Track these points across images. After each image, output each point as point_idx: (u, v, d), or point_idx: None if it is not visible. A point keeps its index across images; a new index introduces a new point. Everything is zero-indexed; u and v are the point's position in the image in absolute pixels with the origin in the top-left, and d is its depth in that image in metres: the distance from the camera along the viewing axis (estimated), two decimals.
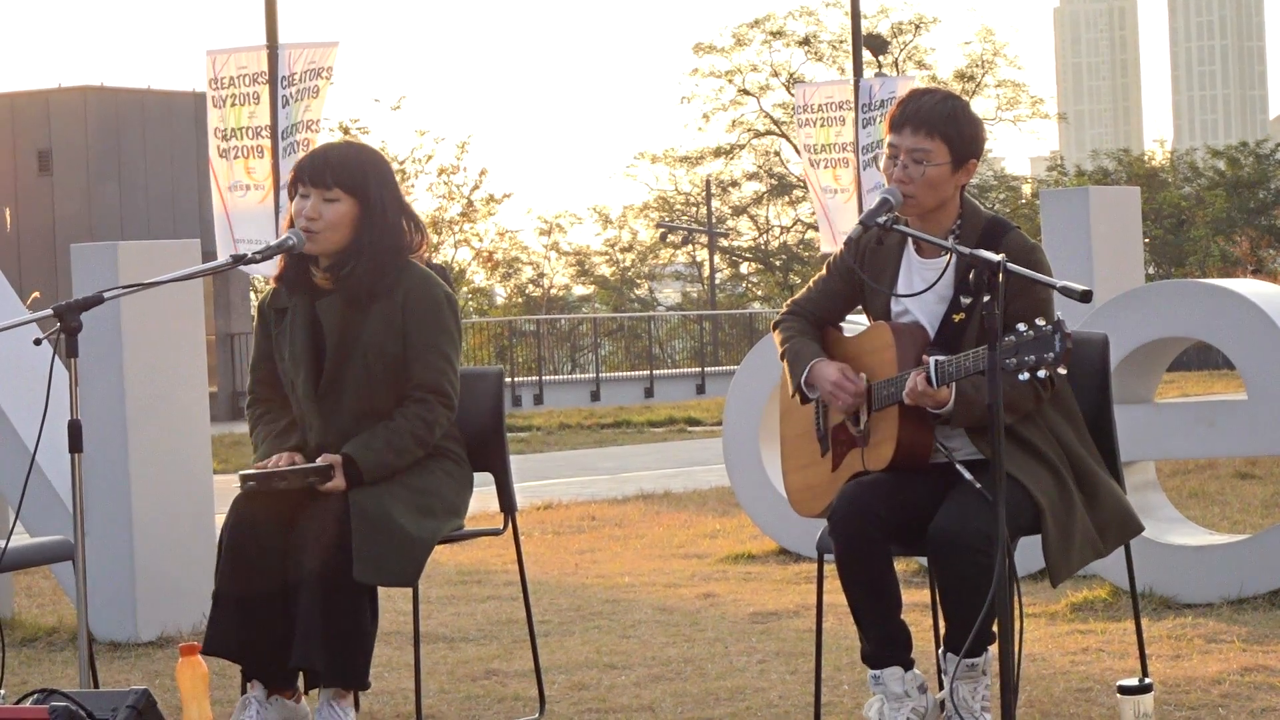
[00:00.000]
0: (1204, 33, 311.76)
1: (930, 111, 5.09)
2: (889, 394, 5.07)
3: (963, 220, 5.15)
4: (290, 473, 5.20)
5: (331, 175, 5.30)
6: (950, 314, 5.08)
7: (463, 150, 47.45)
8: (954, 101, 5.15)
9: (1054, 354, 4.60)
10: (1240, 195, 55.63)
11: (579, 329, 43.66)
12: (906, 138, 5.08)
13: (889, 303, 5.20)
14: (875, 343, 5.17)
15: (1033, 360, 4.62)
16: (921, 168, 5.06)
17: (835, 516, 5.09)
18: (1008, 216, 5.13)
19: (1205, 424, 7.34)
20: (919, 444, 5.09)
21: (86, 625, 5.05)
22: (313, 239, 5.31)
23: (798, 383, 5.23)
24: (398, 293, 5.33)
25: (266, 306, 5.50)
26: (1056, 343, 4.60)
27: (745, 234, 61.81)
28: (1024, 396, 5.00)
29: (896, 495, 5.06)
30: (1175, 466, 12.01)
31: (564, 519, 11.67)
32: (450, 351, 5.37)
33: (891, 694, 5.08)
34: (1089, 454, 5.15)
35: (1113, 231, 8.10)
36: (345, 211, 5.31)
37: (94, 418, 6.99)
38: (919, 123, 5.07)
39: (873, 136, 20.81)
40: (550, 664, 6.37)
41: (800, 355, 5.25)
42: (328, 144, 5.43)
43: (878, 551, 5.06)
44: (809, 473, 5.36)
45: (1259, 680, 5.74)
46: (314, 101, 17.26)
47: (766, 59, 59.23)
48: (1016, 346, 4.63)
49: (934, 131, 5.07)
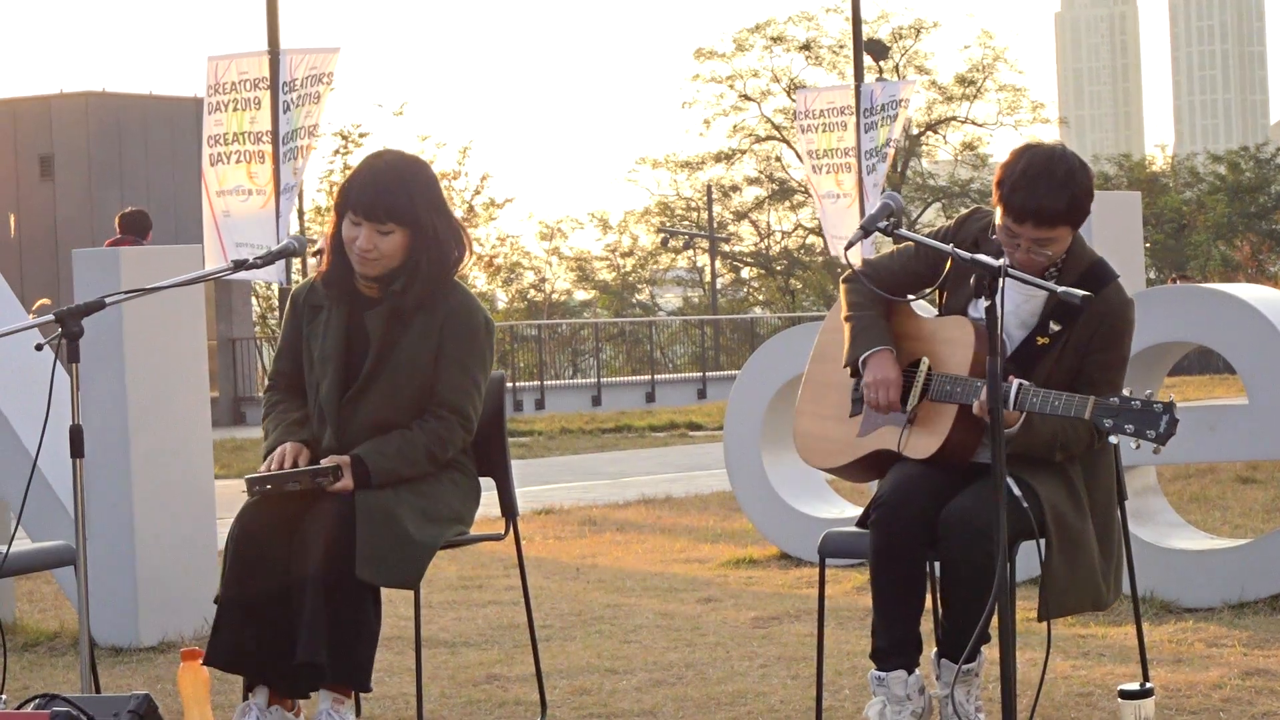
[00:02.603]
0: (1205, 38, 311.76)
1: (1052, 208, 4.92)
2: (951, 392, 5.05)
3: (1065, 260, 5.09)
4: (300, 474, 5.21)
5: (384, 211, 5.27)
6: (1034, 336, 5.07)
7: (464, 155, 47.53)
8: (1071, 183, 4.95)
9: (1157, 433, 4.65)
10: (1241, 200, 55.67)
11: (580, 334, 43.67)
12: (1029, 230, 4.97)
13: (968, 304, 5.18)
14: (954, 334, 5.15)
15: (1132, 429, 4.66)
16: (1047, 250, 5.00)
17: (883, 509, 5.07)
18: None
19: (1206, 428, 7.35)
20: (965, 448, 5.10)
21: (88, 630, 5.05)
22: (367, 265, 5.31)
23: (856, 357, 5.20)
24: (440, 311, 5.34)
25: (301, 301, 5.47)
26: (1163, 425, 4.65)
27: (746, 239, 61.85)
28: (1080, 443, 5.02)
29: (939, 496, 5.05)
30: (1176, 471, 12.01)
31: (565, 524, 11.67)
32: (479, 376, 5.38)
33: (894, 697, 5.08)
34: (1115, 507, 5.18)
35: (1114, 236, 8.10)
36: (399, 241, 5.30)
37: (95, 423, 7.00)
38: (1041, 219, 4.94)
39: (874, 141, 20.83)
40: (551, 669, 6.38)
41: (869, 332, 5.21)
42: (375, 166, 5.31)
43: (918, 552, 5.06)
44: (829, 424, 5.33)
45: (1260, 685, 5.74)
46: (315, 107, 17.27)
47: (767, 64, 59.32)
48: (1119, 410, 4.66)
49: (1057, 223, 4.97)
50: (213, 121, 17.33)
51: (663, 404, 33.54)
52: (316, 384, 5.39)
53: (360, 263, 5.31)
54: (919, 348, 5.20)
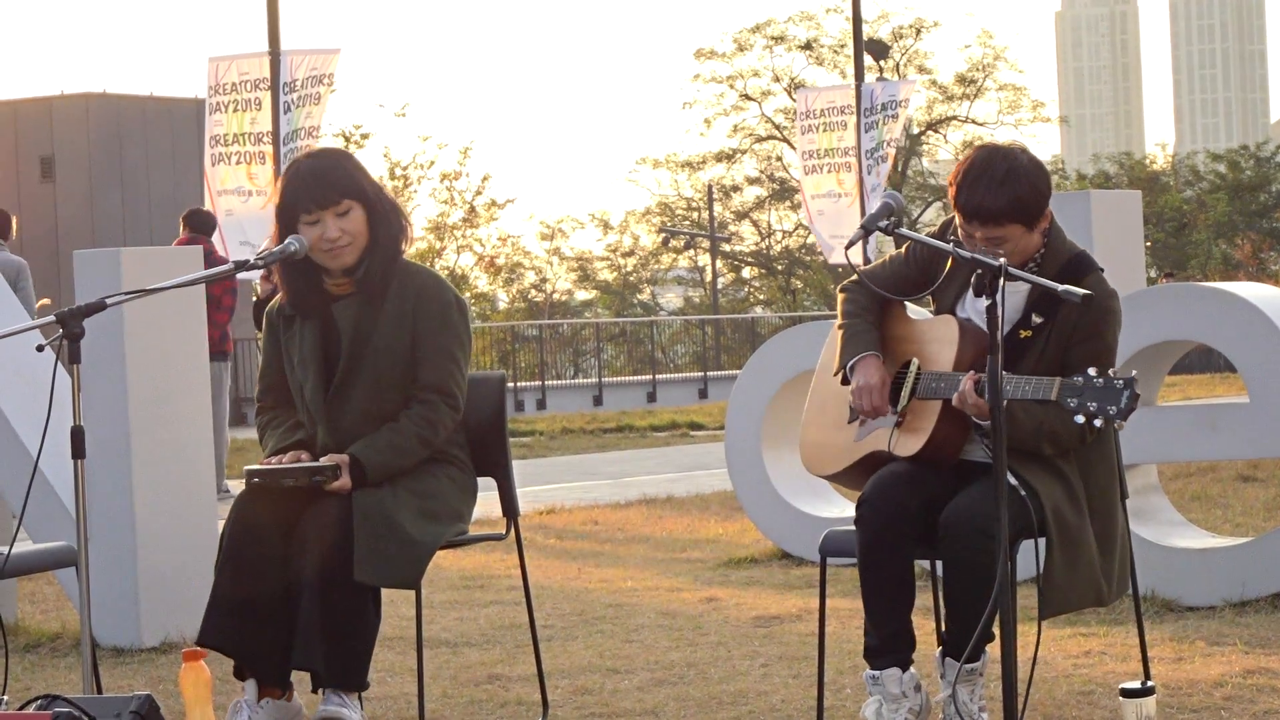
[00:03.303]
0: (1205, 36, 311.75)
1: (992, 206, 4.94)
2: (936, 388, 5.07)
3: (1045, 253, 5.10)
4: (297, 470, 5.22)
5: (335, 190, 5.31)
6: (1018, 329, 5.08)
7: (465, 156, 47.49)
8: (1012, 181, 4.96)
9: (1118, 409, 4.61)
10: (1241, 198, 55.67)
11: (581, 334, 43.67)
12: (978, 229, 5.00)
13: (955, 303, 5.20)
14: (940, 333, 5.17)
15: (1094, 408, 4.62)
16: (1002, 247, 5.00)
17: (865, 505, 5.08)
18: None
19: (1207, 427, 7.35)
20: (951, 444, 5.11)
21: (90, 631, 5.05)
22: (341, 255, 5.32)
23: (844, 364, 5.24)
24: (409, 294, 5.35)
25: (274, 314, 5.50)
26: (1124, 399, 4.60)
27: (747, 238, 61.85)
28: (1070, 435, 5.00)
29: (926, 492, 5.06)
30: (1177, 469, 12.00)
31: (566, 523, 11.67)
32: (459, 354, 5.39)
33: (889, 695, 5.08)
34: (1116, 499, 5.16)
35: (1114, 235, 8.10)
36: (359, 217, 5.34)
37: (97, 424, 7.00)
38: (985, 218, 4.97)
39: (875, 140, 20.84)
40: (553, 669, 6.38)
41: (856, 340, 5.25)
42: (302, 165, 5.35)
43: (903, 546, 5.07)
44: (829, 433, 5.36)
45: (1261, 683, 5.74)
46: (316, 108, 17.28)
47: (768, 64, 59.33)
48: (1082, 389, 4.64)
49: (1001, 221, 4.98)
50: (213, 122, 17.35)
51: (664, 404, 33.53)
52: (300, 388, 5.41)
53: (333, 256, 5.32)
54: (910, 349, 5.23)
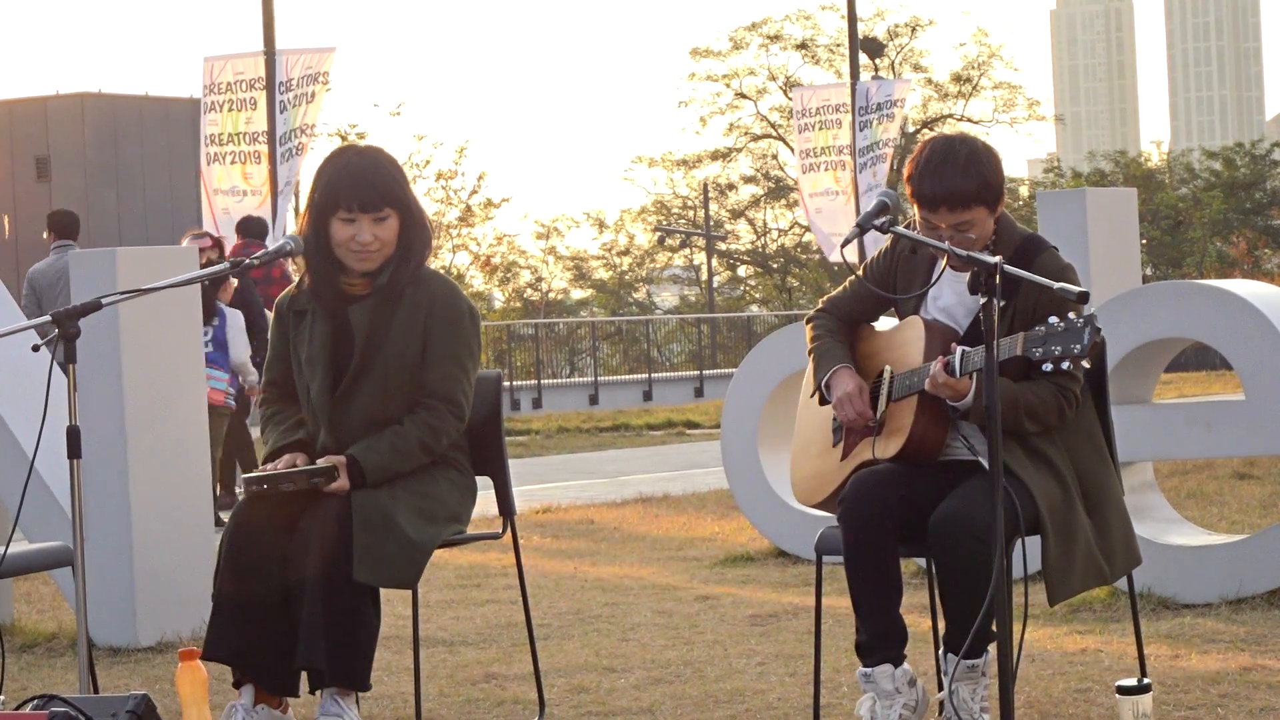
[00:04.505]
0: (1200, 34, 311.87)
1: (961, 189, 5.00)
2: (910, 384, 5.09)
3: (997, 239, 5.13)
4: (295, 474, 5.22)
5: (380, 197, 5.29)
6: (979, 315, 5.08)
7: (460, 155, 47.51)
8: (977, 164, 5.04)
9: (1081, 346, 4.60)
10: (1237, 196, 55.65)
11: (577, 332, 43.67)
12: (945, 215, 5.03)
13: (918, 308, 5.22)
14: (906, 336, 5.20)
15: (1059, 351, 4.63)
16: (969, 234, 5.04)
17: (846, 503, 5.10)
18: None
19: (1203, 424, 7.35)
20: (931, 438, 5.11)
21: (86, 630, 5.05)
22: (368, 259, 5.32)
23: (819, 383, 5.27)
24: (423, 301, 5.35)
25: (285, 308, 5.48)
26: (1085, 335, 4.60)
27: (743, 237, 61.84)
28: (1048, 408, 5.01)
29: (907, 488, 5.07)
30: (1173, 467, 12.01)
31: (563, 522, 11.67)
32: (468, 363, 5.39)
33: (883, 691, 5.09)
34: (1107, 479, 5.16)
35: (1110, 233, 8.11)
36: (394, 226, 5.33)
37: (93, 423, 7.00)
38: (954, 203, 5.01)
39: (870, 139, 20.85)
40: (550, 667, 6.38)
41: (826, 357, 5.29)
42: (349, 161, 5.32)
43: (886, 541, 5.07)
44: (816, 462, 5.38)
45: (1257, 680, 5.74)
46: (311, 107, 17.29)
47: (763, 62, 59.31)
48: (1045, 337, 4.65)
49: (970, 204, 5.02)
50: (209, 122, 17.36)
51: (660, 402, 33.54)
52: (306, 387, 5.40)
53: (361, 259, 5.31)
54: (881, 360, 5.26)
